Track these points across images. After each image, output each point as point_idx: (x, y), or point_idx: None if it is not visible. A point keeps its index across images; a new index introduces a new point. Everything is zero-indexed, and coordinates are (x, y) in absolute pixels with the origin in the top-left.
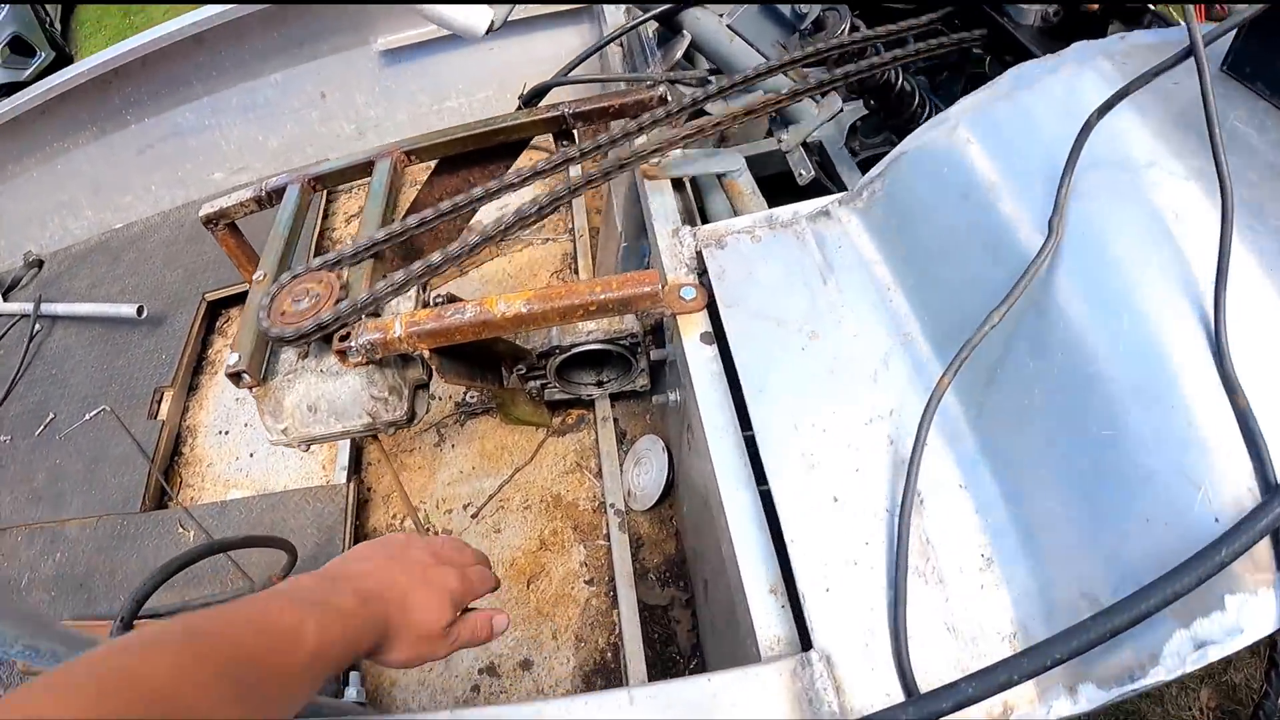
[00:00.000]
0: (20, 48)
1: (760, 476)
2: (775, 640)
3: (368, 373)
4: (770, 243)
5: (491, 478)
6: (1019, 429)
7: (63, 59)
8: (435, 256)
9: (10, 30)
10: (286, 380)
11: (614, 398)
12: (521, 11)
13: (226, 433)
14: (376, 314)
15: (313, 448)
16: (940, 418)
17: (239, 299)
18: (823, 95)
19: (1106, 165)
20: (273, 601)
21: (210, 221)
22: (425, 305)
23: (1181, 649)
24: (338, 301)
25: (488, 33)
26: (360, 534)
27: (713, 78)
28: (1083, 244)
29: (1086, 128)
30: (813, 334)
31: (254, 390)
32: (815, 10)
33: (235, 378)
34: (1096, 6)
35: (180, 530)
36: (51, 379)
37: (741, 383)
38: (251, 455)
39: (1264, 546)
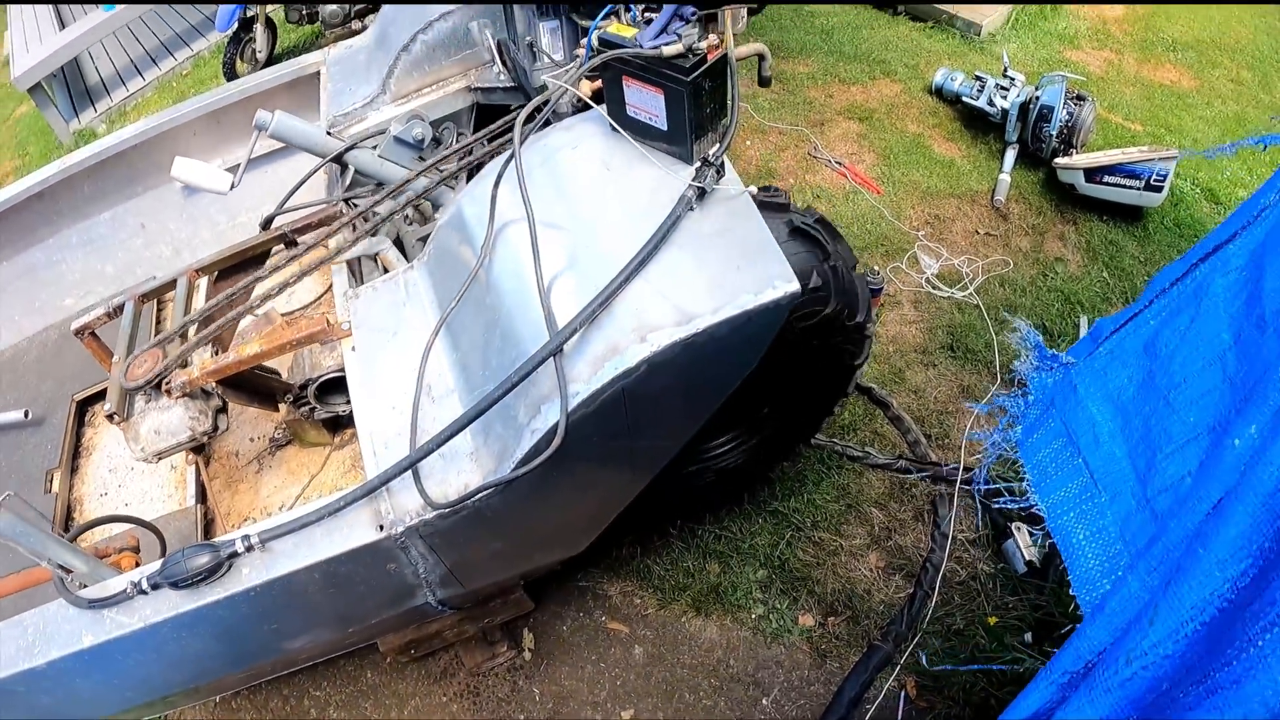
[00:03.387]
0: None
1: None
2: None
3: (185, 403)
4: (381, 289)
5: (296, 485)
6: (477, 348)
7: None
8: (209, 329)
9: None
10: (140, 416)
11: None
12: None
13: (105, 494)
14: (185, 365)
15: (169, 490)
16: (443, 355)
17: (100, 396)
18: (454, 182)
19: (505, 207)
20: None
21: (79, 332)
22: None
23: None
24: (164, 364)
25: (231, 188)
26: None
27: (376, 193)
28: (498, 254)
29: (495, 188)
30: (395, 333)
31: (122, 425)
32: (430, 132)
33: (110, 418)
34: None
35: None
36: None
37: (356, 365)
38: (127, 505)
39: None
